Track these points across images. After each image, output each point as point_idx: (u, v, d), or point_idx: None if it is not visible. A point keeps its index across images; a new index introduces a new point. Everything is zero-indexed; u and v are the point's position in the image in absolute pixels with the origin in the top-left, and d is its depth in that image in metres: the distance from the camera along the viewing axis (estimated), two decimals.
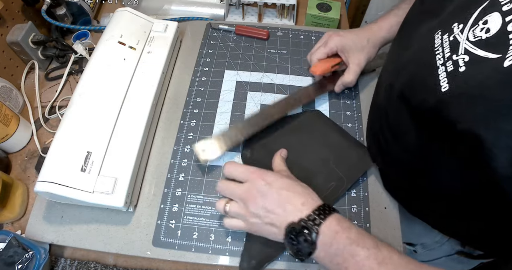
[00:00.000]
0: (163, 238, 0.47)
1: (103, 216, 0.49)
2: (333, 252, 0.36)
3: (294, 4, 0.71)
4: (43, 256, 0.44)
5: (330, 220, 0.37)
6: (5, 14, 0.61)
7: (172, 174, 0.52)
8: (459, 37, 0.35)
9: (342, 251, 0.36)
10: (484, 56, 0.31)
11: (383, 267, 0.34)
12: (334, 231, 0.37)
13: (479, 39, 0.33)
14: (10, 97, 0.59)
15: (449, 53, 0.35)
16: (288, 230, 0.38)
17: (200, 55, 0.66)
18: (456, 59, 0.34)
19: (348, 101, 0.60)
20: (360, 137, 0.56)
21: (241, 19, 0.75)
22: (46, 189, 0.42)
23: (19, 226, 0.51)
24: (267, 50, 0.66)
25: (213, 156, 0.51)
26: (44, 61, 0.67)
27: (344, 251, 0.36)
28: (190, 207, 0.49)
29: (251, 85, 0.62)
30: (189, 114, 0.58)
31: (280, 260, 0.46)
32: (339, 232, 0.36)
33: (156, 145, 0.55)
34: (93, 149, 0.46)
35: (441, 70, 0.35)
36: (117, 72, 0.53)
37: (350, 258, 0.35)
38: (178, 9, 0.75)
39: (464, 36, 0.34)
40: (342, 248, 0.36)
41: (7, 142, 0.55)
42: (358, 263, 0.35)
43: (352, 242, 0.36)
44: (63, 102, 0.63)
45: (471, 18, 0.34)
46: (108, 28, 0.57)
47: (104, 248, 0.47)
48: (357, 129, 0.57)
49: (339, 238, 0.36)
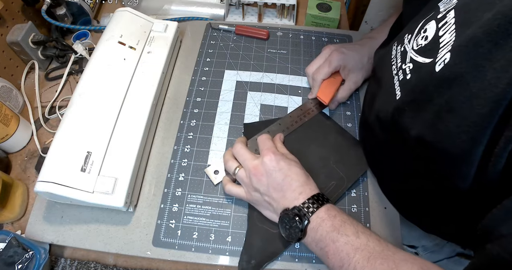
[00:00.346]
0: (163, 238, 0.47)
1: (103, 216, 0.49)
2: (318, 237, 0.40)
3: (294, 4, 0.71)
4: (43, 256, 0.44)
5: (320, 209, 0.41)
6: (5, 14, 0.61)
7: (172, 173, 0.52)
8: (407, 47, 0.37)
9: (325, 237, 0.39)
10: (422, 62, 0.33)
11: (358, 253, 0.36)
12: (321, 218, 0.40)
13: (420, 46, 0.35)
14: (10, 97, 0.59)
15: (400, 63, 0.37)
16: (282, 215, 0.42)
17: (200, 55, 0.66)
18: (404, 67, 0.36)
19: (348, 101, 0.60)
20: None
21: (241, 19, 0.75)
22: (46, 189, 0.42)
23: (19, 226, 0.51)
24: (267, 50, 0.66)
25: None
26: (44, 61, 0.67)
27: (326, 237, 0.39)
28: (190, 207, 0.49)
29: (251, 85, 0.62)
30: (189, 114, 0.58)
31: (280, 260, 0.46)
32: (325, 220, 0.40)
33: (156, 145, 0.55)
34: (93, 149, 0.46)
35: (395, 80, 0.38)
36: (117, 72, 0.53)
37: (331, 243, 0.38)
38: (178, 9, 0.75)
39: (410, 45, 0.36)
40: (325, 234, 0.39)
41: (7, 142, 0.55)
42: (337, 248, 0.38)
43: (334, 229, 0.39)
44: (63, 102, 0.63)
45: (416, 28, 0.37)
46: (108, 28, 0.57)
47: (104, 248, 0.47)
48: (357, 129, 0.57)
49: (324, 225, 0.39)
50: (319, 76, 0.55)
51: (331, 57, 0.55)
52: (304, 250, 0.46)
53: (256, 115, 0.58)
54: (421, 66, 0.33)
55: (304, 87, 0.61)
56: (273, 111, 0.58)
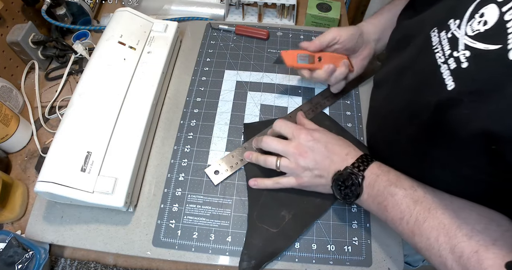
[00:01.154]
0: (163, 238, 0.47)
1: (103, 216, 0.49)
2: (375, 193, 0.41)
3: (294, 4, 0.71)
4: (43, 256, 0.44)
5: (372, 166, 0.42)
6: (5, 14, 0.61)
7: (172, 173, 0.52)
8: (457, 33, 0.35)
9: (382, 192, 0.40)
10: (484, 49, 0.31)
11: (419, 205, 0.37)
12: (376, 174, 0.41)
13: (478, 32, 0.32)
14: (10, 97, 0.59)
15: (450, 51, 0.35)
16: (335, 178, 0.43)
17: (200, 55, 0.66)
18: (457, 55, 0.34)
19: (348, 101, 0.60)
20: (360, 136, 0.56)
21: (241, 19, 0.75)
22: (46, 189, 0.42)
23: (19, 226, 0.51)
24: (267, 50, 0.66)
25: (226, 175, 0.52)
26: (44, 61, 0.67)
27: (384, 191, 0.40)
28: (190, 207, 0.49)
29: (251, 85, 0.62)
30: (189, 114, 0.58)
31: (280, 260, 0.46)
32: (380, 175, 0.41)
33: (156, 145, 0.55)
34: (93, 149, 0.46)
35: (443, 69, 0.35)
36: (117, 72, 0.53)
37: (389, 197, 0.39)
38: (178, 9, 0.75)
39: (462, 31, 0.34)
40: (382, 189, 0.40)
41: (7, 142, 0.55)
42: (396, 202, 0.39)
43: (391, 184, 0.40)
44: (63, 102, 0.63)
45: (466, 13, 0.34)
46: (108, 28, 0.57)
47: (104, 248, 0.47)
48: (357, 129, 0.57)
49: (380, 180, 0.41)
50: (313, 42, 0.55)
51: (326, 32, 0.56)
52: (304, 250, 0.46)
53: (256, 115, 0.58)
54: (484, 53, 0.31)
55: (304, 87, 0.61)
56: (273, 111, 0.58)
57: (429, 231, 0.36)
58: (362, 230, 0.48)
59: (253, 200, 0.49)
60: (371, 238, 0.47)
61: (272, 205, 0.48)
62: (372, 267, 0.46)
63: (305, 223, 0.47)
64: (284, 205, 0.48)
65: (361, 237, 0.47)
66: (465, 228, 0.34)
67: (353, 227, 0.48)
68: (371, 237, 0.48)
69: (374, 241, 0.47)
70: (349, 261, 0.46)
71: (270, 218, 0.47)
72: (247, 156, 0.51)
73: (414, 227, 0.37)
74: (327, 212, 0.49)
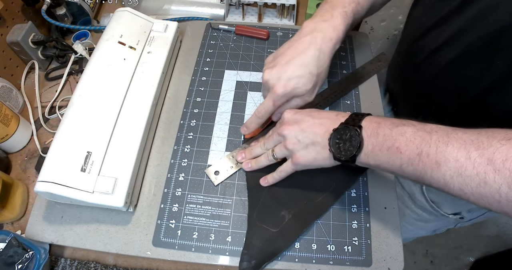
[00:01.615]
0: (163, 238, 0.47)
1: (103, 216, 0.49)
2: (381, 139, 0.37)
3: (294, 4, 0.71)
4: (43, 256, 0.44)
5: (368, 117, 0.39)
6: (5, 14, 0.61)
7: (172, 173, 0.52)
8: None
9: (389, 135, 0.36)
10: None
11: (434, 135, 0.33)
12: (376, 122, 0.38)
13: None
14: (10, 97, 0.59)
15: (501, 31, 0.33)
16: (331, 136, 0.40)
17: (200, 55, 0.66)
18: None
19: (348, 101, 0.60)
20: None
21: (241, 19, 0.75)
22: (46, 189, 0.42)
23: (19, 226, 0.51)
24: (267, 50, 0.66)
25: (226, 175, 0.52)
26: (44, 61, 0.67)
27: (392, 134, 0.36)
28: (190, 207, 0.49)
29: (251, 85, 0.62)
30: (189, 114, 0.58)
31: (280, 260, 0.46)
32: (381, 122, 0.38)
33: (156, 145, 0.55)
34: (93, 149, 0.46)
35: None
36: (117, 72, 0.53)
37: (399, 137, 0.35)
38: (178, 9, 0.75)
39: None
40: (389, 133, 0.36)
41: (7, 142, 0.55)
42: (409, 139, 0.35)
43: (398, 124, 0.36)
44: (63, 102, 0.63)
45: None
46: (108, 28, 0.57)
47: (104, 248, 0.47)
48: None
49: (383, 126, 0.37)
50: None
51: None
52: (304, 250, 0.46)
53: None
54: None
55: None
56: None
57: (455, 152, 0.31)
58: (362, 230, 0.48)
59: (253, 199, 0.49)
60: (371, 238, 0.47)
61: (272, 205, 0.48)
62: (372, 267, 0.46)
63: (305, 223, 0.47)
64: (284, 205, 0.48)
65: (361, 237, 0.47)
66: (497, 136, 0.30)
67: (353, 227, 0.48)
68: (371, 237, 0.47)
69: (374, 241, 0.47)
70: (349, 261, 0.46)
71: (270, 218, 0.47)
72: (245, 166, 0.51)
73: (437, 156, 0.32)
74: (327, 212, 0.49)
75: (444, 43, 0.47)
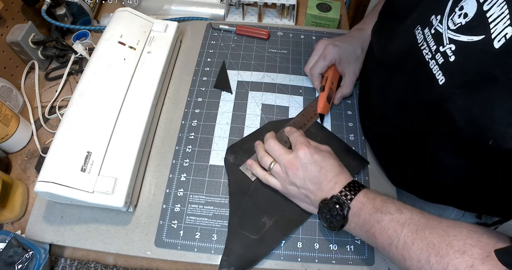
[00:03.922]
0: (165, 239, 0.47)
1: (103, 216, 0.48)
2: (361, 221, 0.40)
3: (294, 4, 0.71)
4: (43, 256, 0.44)
5: (359, 195, 0.41)
6: (5, 14, 0.60)
7: (174, 174, 0.52)
8: (440, 28, 0.35)
9: (368, 220, 0.39)
10: (468, 40, 0.32)
11: (406, 228, 0.37)
12: (361, 202, 0.41)
13: (460, 25, 0.33)
14: (10, 97, 0.59)
15: (435, 46, 0.36)
16: (321, 206, 0.43)
17: (200, 55, 0.65)
18: (443, 50, 0.35)
19: (349, 101, 0.60)
20: (361, 136, 0.56)
21: (241, 19, 0.75)
22: (46, 189, 0.42)
23: (19, 226, 0.51)
24: (267, 50, 0.66)
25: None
26: (44, 61, 0.67)
27: (370, 219, 0.39)
28: (192, 207, 0.49)
29: (252, 85, 0.61)
30: (190, 114, 0.58)
31: (281, 260, 0.46)
32: (366, 203, 0.40)
33: (156, 145, 0.55)
34: (93, 149, 0.46)
35: (432, 64, 0.36)
36: (117, 72, 0.53)
37: (376, 224, 0.39)
38: (178, 9, 0.75)
39: (444, 26, 0.35)
40: (368, 217, 0.40)
41: (7, 142, 0.55)
42: (383, 227, 0.38)
43: (377, 210, 0.39)
44: (63, 102, 0.63)
45: (446, 8, 0.35)
46: (108, 28, 0.57)
47: (104, 248, 0.46)
48: (358, 128, 0.57)
49: (366, 209, 0.40)
50: (315, 71, 0.57)
51: (326, 51, 0.56)
52: (307, 249, 0.46)
53: (257, 115, 0.58)
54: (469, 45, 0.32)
55: (305, 86, 0.61)
56: (274, 111, 0.58)
57: (419, 253, 0.35)
58: None
59: (235, 205, 0.49)
60: None
61: (253, 211, 0.48)
62: (373, 266, 0.45)
63: (286, 230, 0.47)
64: (265, 212, 0.48)
65: None
66: (457, 244, 0.33)
67: None
68: None
69: None
70: (352, 260, 0.46)
71: (251, 225, 0.47)
72: (248, 162, 0.51)
73: (403, 251, 0.36)
74: (309, 218, 0.48)
75: None
